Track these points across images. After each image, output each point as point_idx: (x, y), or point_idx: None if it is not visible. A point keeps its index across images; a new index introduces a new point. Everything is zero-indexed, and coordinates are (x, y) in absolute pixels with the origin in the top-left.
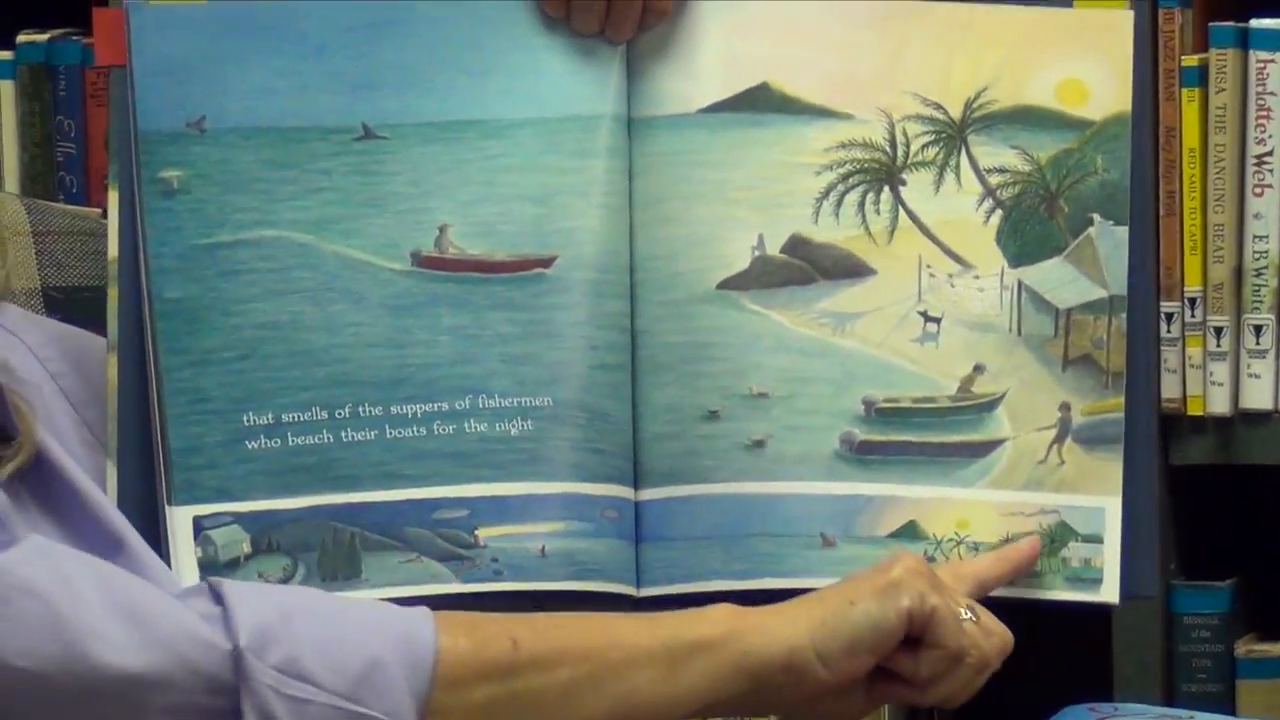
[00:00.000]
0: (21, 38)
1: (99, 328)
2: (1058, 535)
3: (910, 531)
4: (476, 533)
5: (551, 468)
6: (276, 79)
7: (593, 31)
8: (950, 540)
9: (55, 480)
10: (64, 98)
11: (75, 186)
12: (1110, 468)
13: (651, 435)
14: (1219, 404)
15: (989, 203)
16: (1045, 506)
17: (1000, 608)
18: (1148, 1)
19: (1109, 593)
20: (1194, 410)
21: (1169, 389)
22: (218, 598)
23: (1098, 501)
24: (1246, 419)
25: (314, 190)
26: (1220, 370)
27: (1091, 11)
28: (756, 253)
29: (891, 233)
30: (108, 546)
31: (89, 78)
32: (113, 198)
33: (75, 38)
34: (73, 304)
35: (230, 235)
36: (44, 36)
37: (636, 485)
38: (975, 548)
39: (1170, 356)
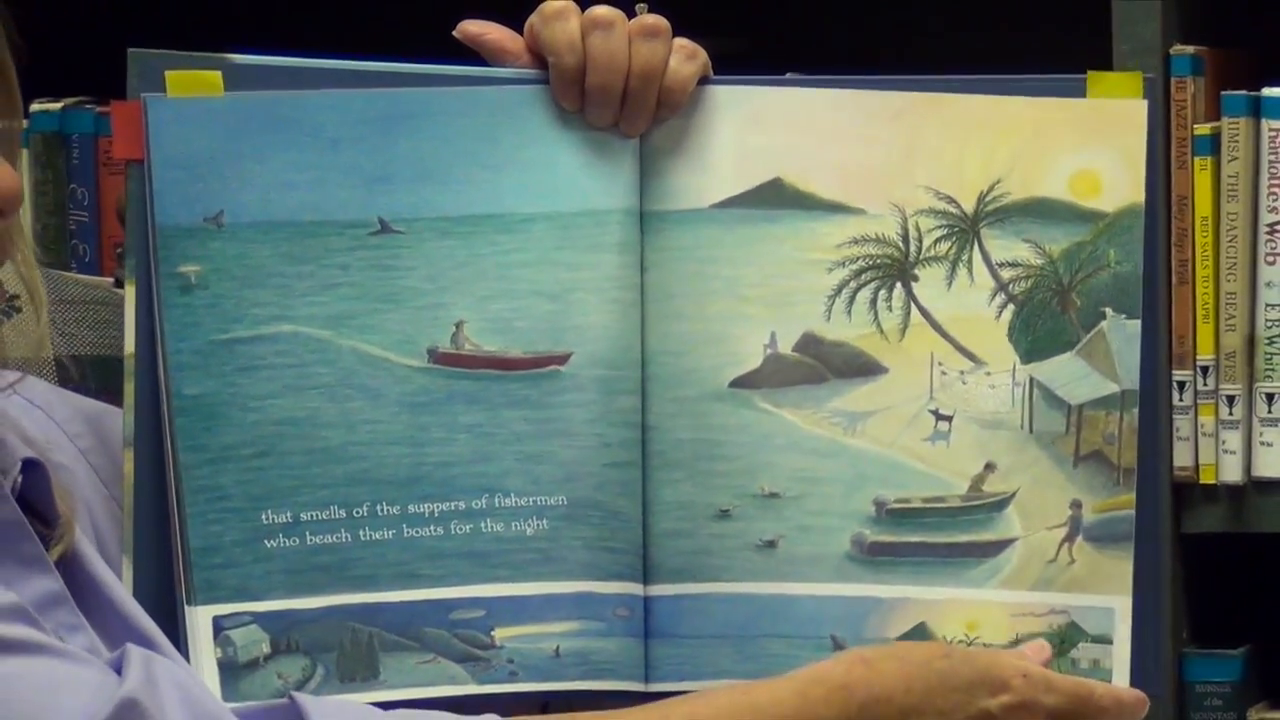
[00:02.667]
0: (35, 106)
1: (110, 397)
2: (1068, 636)
3: (920, 633)
4: (493, 633)
5: (565, 567)
6: (293, 173)
7: (607, 125)
8: (960, 642)
9: (86, 576)
10: (77, 166)
11: (88, 255)
12: (1120, 567)
13: (662, 532)
14: (1231, 472)
15: (1001, 297)
16: (1055, 607)
17: None
18: (1160, 71)
19: None
20: (1206, 478)
21: (1181, 457)
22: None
23: (1107, 601)
24: (1259, 487)
25: (330, 285)
26: (1232, 439)
27: (1106, 102)
28: (769, 351)
29: (904, 330)
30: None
31: (102, 146)
32: (130, 292)
33: (88, 106)
34: (84, 373)
35: (248, 330)
36: (57, 105)
37: (645, 580)
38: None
39: (1183, 425)
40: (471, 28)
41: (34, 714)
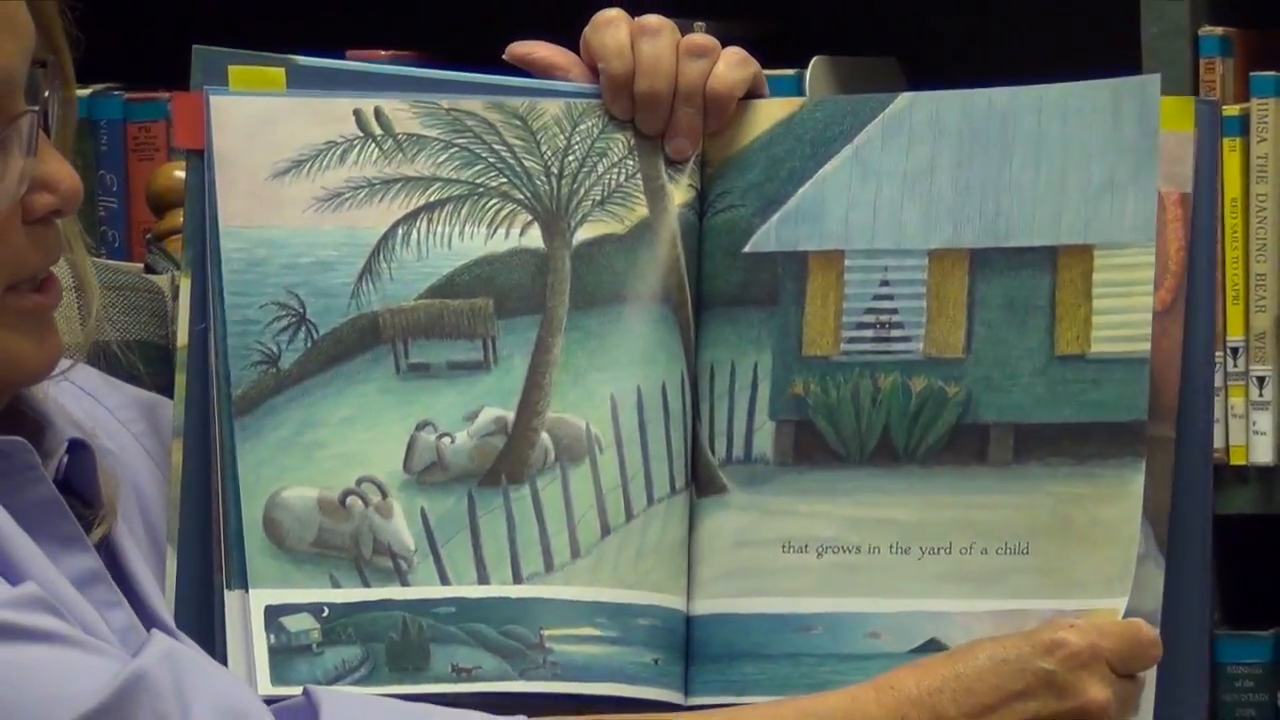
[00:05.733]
0: None
1: (140, 383)
2: None
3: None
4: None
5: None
6: None
7: (656, 133)
8: None
9: (120, 566)
10: (106, 152)
11: (117, 241)
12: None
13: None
14: (1262, 453)
15: None
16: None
17: None
18: (1189, 52)
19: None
20: (1237, 460)
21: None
22: (313, 711)
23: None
24: None
25: None
26: (1263, 419)
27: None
28: None
29: None
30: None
31: (131, 132)
32: (185, 285)
33: (117, 92)
34: (114, 358)
35: None
36: (86, 91)
37: (690, 596)
38: None
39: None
40: (519, 49)
41: (46, 699)
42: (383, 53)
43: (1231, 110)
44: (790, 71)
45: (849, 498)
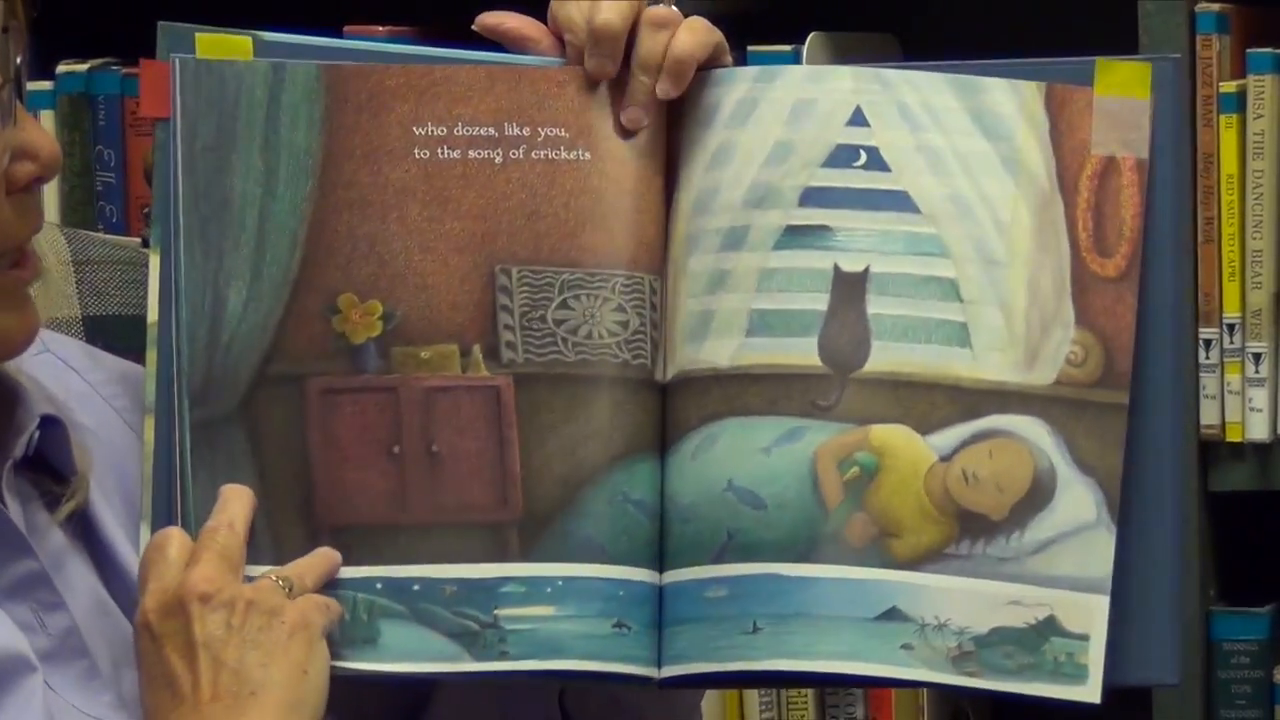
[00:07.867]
0: (61, 68)
1: (137, 356)
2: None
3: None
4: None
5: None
6: None
7: (606, 75)
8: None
9: (98, 537)
10: (104, 127)
11: (115, 216)
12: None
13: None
14: (1258, 430)
15: None
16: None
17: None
18: (1186, 28)
19: (1091, 692)
20: (1233, 436)
21: (1208, 415)
22: None
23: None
24: None
25: None
26: (1259, 396)
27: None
28: None
29: None
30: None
31: (129, 107)
32: (154, 262)
33: (115, 67)
34: (112, 333)
35: None
36: (84, 66)
37: (662, 566)
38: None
39: (1209, 383)
40: (489, 19)
41: None
42: (380, 29)
43: (1228, 87)
44: (788, 48)
45: None
